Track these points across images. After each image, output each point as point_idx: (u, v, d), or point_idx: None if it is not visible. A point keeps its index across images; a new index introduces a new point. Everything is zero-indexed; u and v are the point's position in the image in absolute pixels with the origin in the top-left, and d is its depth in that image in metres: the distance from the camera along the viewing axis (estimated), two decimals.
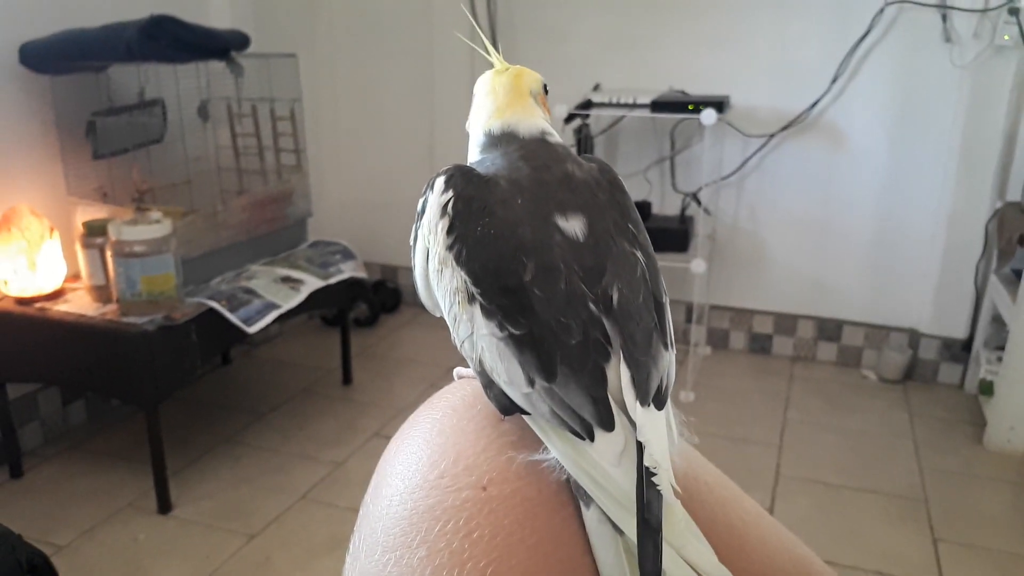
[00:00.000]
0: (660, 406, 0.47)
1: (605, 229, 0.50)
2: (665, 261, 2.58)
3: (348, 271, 2.37)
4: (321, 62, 3.05)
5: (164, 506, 1.96)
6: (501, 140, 0.55)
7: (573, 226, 0.49)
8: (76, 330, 1.91)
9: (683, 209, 2.68)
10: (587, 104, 2.51)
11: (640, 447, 0.45)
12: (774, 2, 2.55)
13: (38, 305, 1.99)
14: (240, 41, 2.21)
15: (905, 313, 2.68)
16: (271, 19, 2.89)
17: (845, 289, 2.73)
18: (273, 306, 2.10)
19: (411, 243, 0.53)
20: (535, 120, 0.56)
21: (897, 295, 2.67)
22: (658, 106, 2.43)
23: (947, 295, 2.59)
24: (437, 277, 0.50)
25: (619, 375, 0.47)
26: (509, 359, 0.47)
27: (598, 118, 2.72)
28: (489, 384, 0.49)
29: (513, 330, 0.47)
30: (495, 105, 0.57)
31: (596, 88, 2.68)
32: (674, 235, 2.56)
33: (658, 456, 0.45)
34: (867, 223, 2.64)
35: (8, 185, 2.07)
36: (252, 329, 2.01)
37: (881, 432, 2.36)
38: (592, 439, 0.46)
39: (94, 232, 2.00)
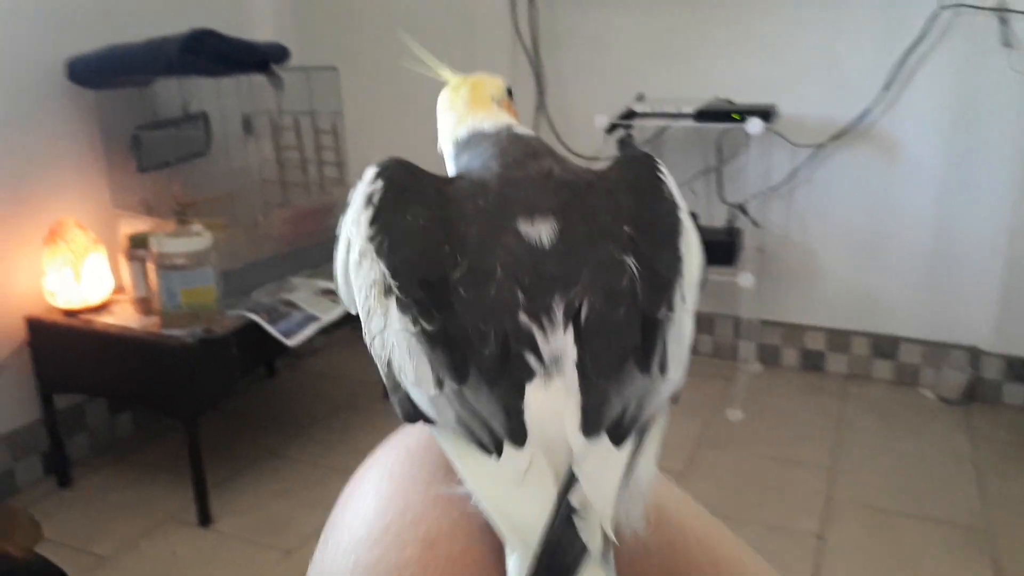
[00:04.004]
0: (618, 440, 0.42)
1: (586, 234, 0.45)
2: (712, 275, 2.51)
3: None
4: (363, 74, 3.05)
5: (204, 519, 1.96)
6: (471, 143, 0.53)
7: (539, 231, 0.44)
8: (119, 342, 1.93)
9: (730, 221, 2.61)
10: (629, 114, 2.46)
11: (571, 480, 0.40)
12: (823, 8, 2.47)
13: (84, 317, 2.01)
14: (280, 54, 2.22)
15: (965, 330, 2.56)
16: (313, 32, 2.91)
17: (901, 304, 2.62)
18: (313, 319, 2.09)
19: (336, 234, 0.50)
20: (501, 119, 0.54)
21: (956, 311, 2.56)
22: (702, 115, 2.37)
23: (1010, 311, 2.48)
24: (356, 269, 0.47)
25: (560, 397, 0.41)
26: (419, 356, 0.43)
27: (642, 128, 2.66)
28: (395, 387, 0.45)
29: (427, 325, 0.42)
30: (456, 116, 0.56)
31: (639, 98, 2.63)
32: (721, 248, 2.49)
33: (593, 496, 0.39)
34: (924, 235, 2.54)
35: (55, 198, 2.10)
36: (292, 342, 2.00)
37: (940, 455, 2.25)
38: (500, 454, 0.41)
39: (137, 244, 2.02)
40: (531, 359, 0.41)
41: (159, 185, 2.25)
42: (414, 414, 0.45)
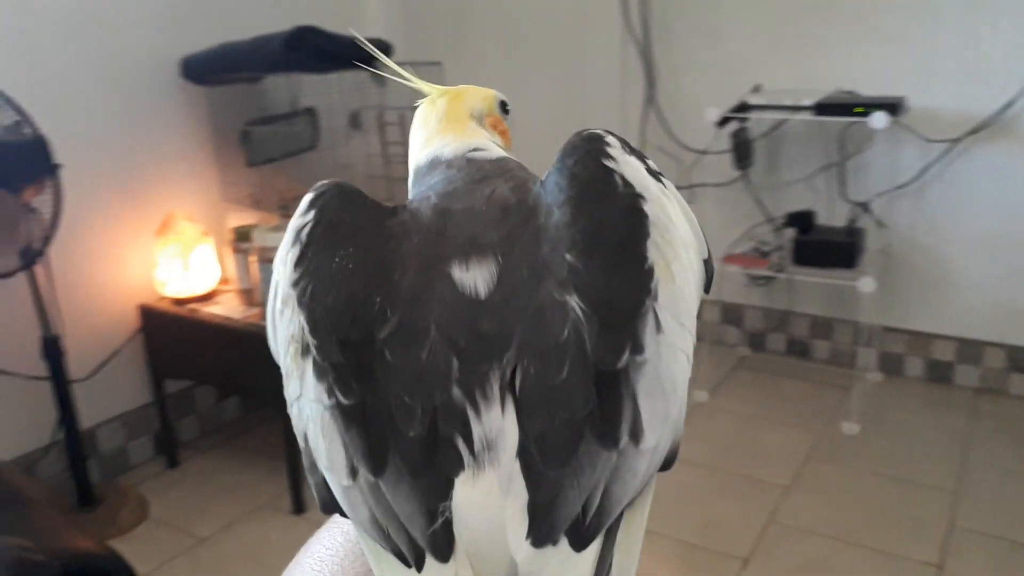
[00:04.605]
0: (581, 543, 0.34)
1: (528, 273, 0.36)
2: (830, 278, 2.36)
3: None
4: (470, 70, 3.04)
5: (298, 507, 2.00)
6: (427, 171, 0.45)
7: (474, 277, 0.36)
8: (221, 331, 1.99)
9: (852, 221, 2.44)
10: (742, 106, 2.34)
11: None
12: None
13: (191, 306, 2.09)
14: (382, 50, 2.21)
15: None
16: (422, 27, 2.91)
17: None
18: None
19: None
20: (468, 140, 0.46)
21: None
22: (822, 108, 2.22)
23: None
24: (279, 318, 0.39)
25: (492, 494, 0.33)
26: (332, 436, 0.36)
27: (759, 121, 2.53)
28: (312, 468, 0.38)
29: (342, 398, 0.35)
30: (425, 135, 0.48)
31: (756, 89, 2.49)
32: (840, 249, 2.33)
33: None
34: None
35: (167, 191, 2.19)
36: None
37: None
38: (420, 568, 0.34)
39: (242, 237, 2.07)
40: (461, 445, 0.34)
41: (266, 180, 2.31)
42: (331, 504, 0.38)
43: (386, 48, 2.25)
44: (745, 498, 2.01)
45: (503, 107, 0.52)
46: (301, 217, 0.40)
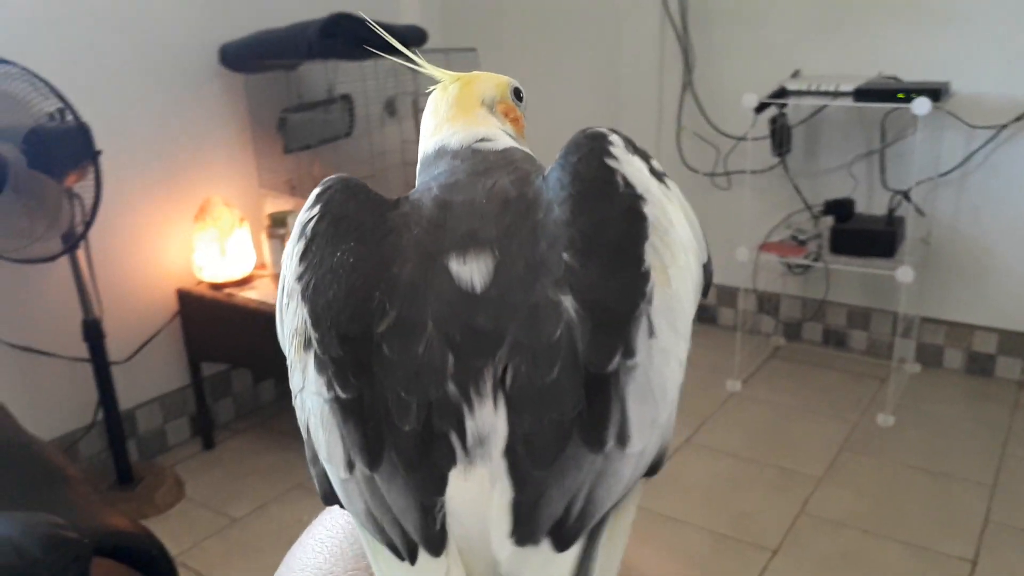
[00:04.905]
0: (562, 544, 0.34)
1: (524, 269, 0.36)
2: (868, 267, 2.32)
3: None
4: (506, 56, 3.04)
5: None
6: (434, 160, 0.45)
7: (471, 271, 0.36)
8: (256, 316, 2.02)
9: (892, 209, 2.39)
10: (781, 92, 2.30)
11: None
12: None
13: (227, 290, 2.12)
14: (417, 36, 2.23)
15: None
16: (458, 14, 2.91)
17: None
18: None
19: None
20: (475, 129, 0.46)
21: None
22: (862, 94, 2.18)
23: None
24: (285, 311, 0.40)
25: (484, 490, 0.34)
26: (331, 429, 0.36)
27: (797, 108, 2.49)
28: (314, 459, 0.39)
29: (340, 392, 0.35)
30: (435, 123, 0.47)
31: (795, 75, 2.45)
32: (879, 237, 2.29)
33: None
34: None
35: (205, 177, 2.22)
36: None
37: None
38: (413, 561, 0.34)
39: (277, 223, 2.10)
40: (455, 440, 0.34)
41: (303, 166, 2.34)
42: (331, 495, 0.38)
43: (420, 35, 2.26)
44: (776, 489, 1.99)
45: (516, 94, 0.51)
46: (307, 212, 0.41)
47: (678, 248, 0.39)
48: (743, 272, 2.50)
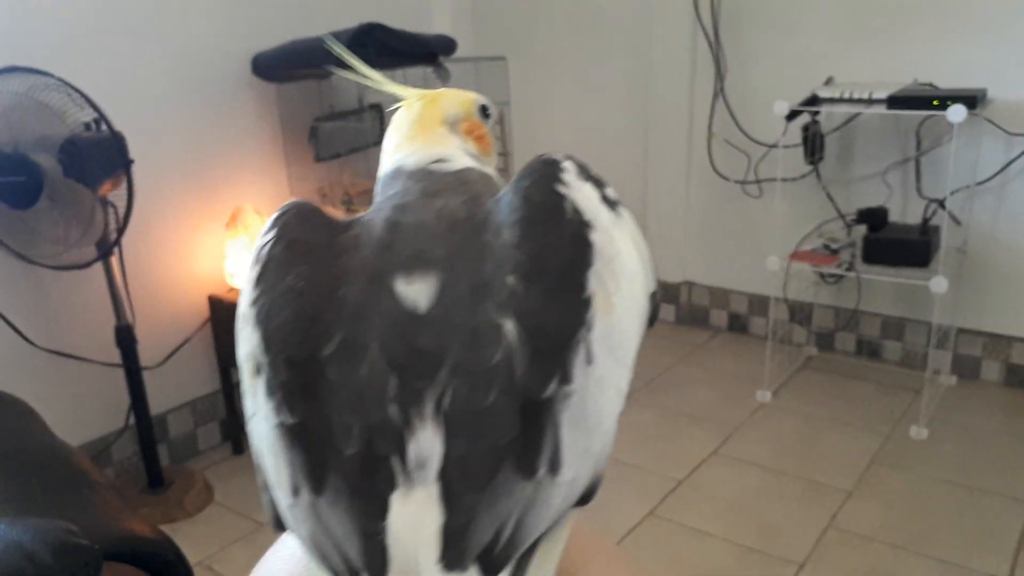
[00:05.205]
0: (491, 572, 0.33)
1: (469, 290, 0.36)
2: (901, 277, 2.28)
3: None
4: (539, 63, 3.04)
5: None
6: (390, 180, 0.45)
7: (416, 291, 0.36)
8: None
9: (927, 218, 2.35)
10: (813, 100, 2.28)
11: None
12: None
13: None
14: (446, 46, 2.24)
15: None
16: (489, 22, 2.92)
17: None
18: None
19: None
20: (433, 150, 0.46)
21: None
22: (896, 102, 2.15)
23: None
24: (239, 337, 0.40)
25: (423, 514, 0.33)
26: (278, 454, 0.36)
27: (831, 115, 2.46)
28: (264, 486, 0.39)
29: (287, 416, 0.35)
30: (395, 142, 0.47)
31: (828, 82, 2.42)
32: (913, 247, 2.25)
33: None
34: None
35: (237, 185, 2.25)
36: None
37: None
38: None
39: None
40: (396, 464, 0.34)
41: (333, 174, 2.36)
42: (281, 521, 0.38)
43: (449, 44, 2.27)
44: (805, 501, 1.97)
45: (483, 111, 0.51)
46: (263, 236, 0.41)
47: (623, 276, 0.39)
48: (774, 281, 2.47)
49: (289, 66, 2.19)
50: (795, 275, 2.54)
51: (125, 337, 1.94)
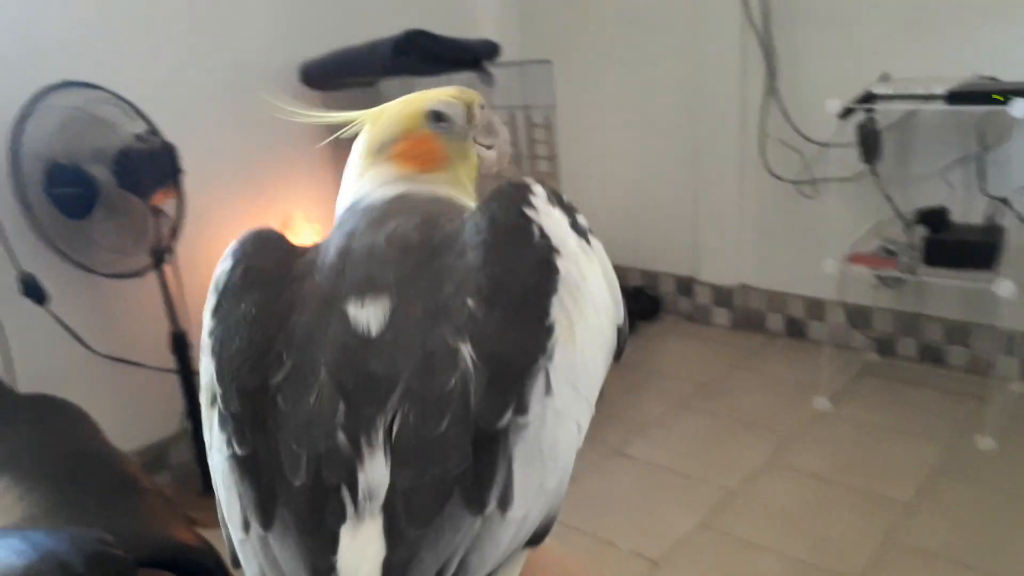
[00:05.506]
0: None
1: (422, 314, 0.34)
2: (965, 280, 2.19)
3: None
4: (587, 65, 3.02)
5: None
6: (344, 215, 0.45)
7: (367, 315, 0.35)
8: None
9: (991, 217, 2.25)
10: (867, 96, 2.21)
11: None
12: None
13: None
14: (490, 50, 2.24)
15: None
16: (536, 25, 2.91)
17: None
18: None
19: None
20: (378, 178, 0.46)
21: None
22: (955, 97, 2.06)
23: None
24: (200, 367, 0.40)
25: (365, 549, 0.32)
26: (230, 487, 0.35)
27: (886, 112, 2.38)
28: (223, 522, 0.38)
29: (238, 448, 0.34)
30: (345, 176, 0.50)
31: (884, 77, 2.34)
32: (977, 248, 2.16)
33: None
34: None
35: (287, 193, 2.28)
36: None
37: None
38: None
39: None
40: (346, 495, 0.32)
41: None
42: (237, 557, 0.37)
43: (493, 49, 2.27)
44: (863, 514, 1.90)
45: (436, 118, 0.49)
46: (220, 265, 0.41)
47: (589, 306, 0.37)
48: (830, 284, 2.40)
49: (336, 74, 2.21)
50: (853, 278, 2.47)
51: (180, 343, 1.98)
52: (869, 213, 2.48)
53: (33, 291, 1.78)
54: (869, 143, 2.37)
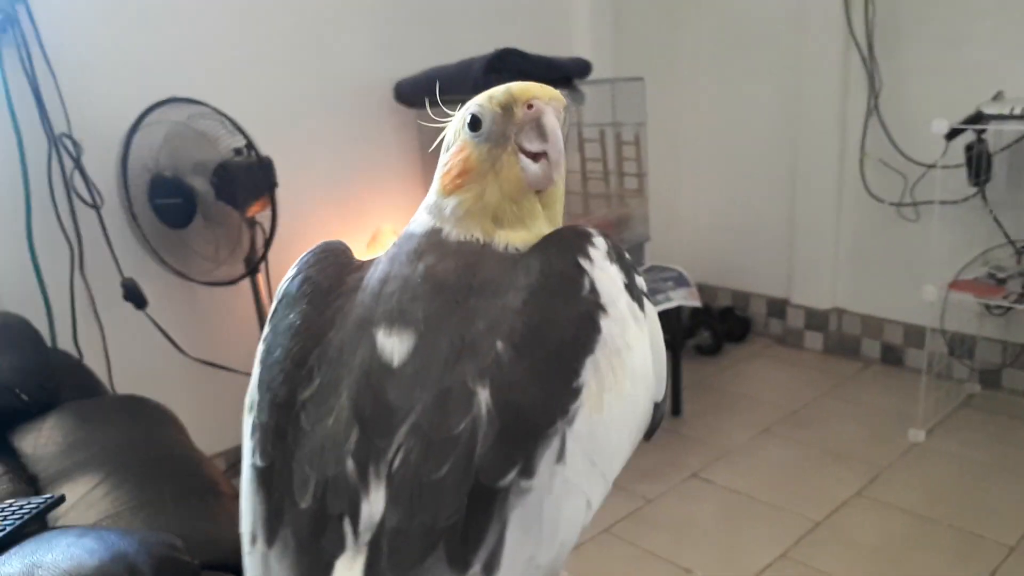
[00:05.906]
0: None
1: (448, 350, 0.33)
2: None
3: (677, 299, 2.27)
4: (680, 82, 2.98)
5: None
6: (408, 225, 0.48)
7: (393, 344, 0.34)
8: None
9: None
10: (977, 116, 2.10)
11: None
12: None
13: None
14: (582, 68, 2.23)
15: None
16: (630, 43, 2.89)
17: None
18: None
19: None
20: (416, 214, 0.48)
21: None
22: None
23: None
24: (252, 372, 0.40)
25: None
26: (248, 497, 0.36)
27: (997, 133, 2.26)
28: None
29: (259, 459, 0.35)
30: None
31: (996, 97, 2.23)
32: None
33: None
34: None
35: (378, 206, 2.33)
36: None
37: None
38: None
39: None
40: (347, 525, 0.32)
41: None
42: None
43: (584, 67, 2.27)
44: (959, 555, 1.80)
45: (474, 124, 0.48)
46: (287, 274, 0.43)
47: (626, 375, 0.35)
48: (930, 311, 2.29)
49: (426, 93, 2.25)
50: (956, 305, 2.35)
51: None
52: (975, 238, 2.36)
53: (134, 296, 1.87)
54: (979, 165, 2.26)
